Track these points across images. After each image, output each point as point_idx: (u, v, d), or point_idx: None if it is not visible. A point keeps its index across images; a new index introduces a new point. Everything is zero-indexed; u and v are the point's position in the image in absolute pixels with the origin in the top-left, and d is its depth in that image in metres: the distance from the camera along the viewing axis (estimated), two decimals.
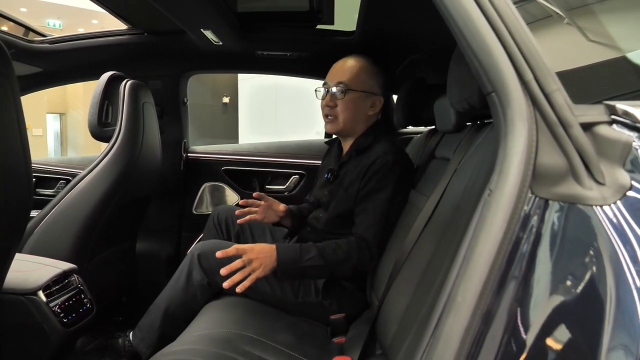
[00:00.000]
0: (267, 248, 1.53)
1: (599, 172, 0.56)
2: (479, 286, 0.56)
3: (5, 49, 1.12)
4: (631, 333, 0.50)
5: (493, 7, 0.60)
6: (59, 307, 1.55)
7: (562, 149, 0.57)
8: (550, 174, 0.57)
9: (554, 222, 0.56)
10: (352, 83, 1.75)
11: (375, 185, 1.64)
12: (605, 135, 0.57)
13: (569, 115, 0.57)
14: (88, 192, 1.86)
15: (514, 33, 0.59)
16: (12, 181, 1.17)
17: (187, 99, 2.61)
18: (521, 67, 0.59)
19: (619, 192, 0.55)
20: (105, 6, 1.93)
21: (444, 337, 0.57)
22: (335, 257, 1.57)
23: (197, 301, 1.70)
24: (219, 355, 1.24)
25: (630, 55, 0.66)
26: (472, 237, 0.59)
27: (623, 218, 0.54)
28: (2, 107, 1.10)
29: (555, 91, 0.58)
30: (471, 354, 0.56)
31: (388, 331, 1.31)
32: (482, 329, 0.56)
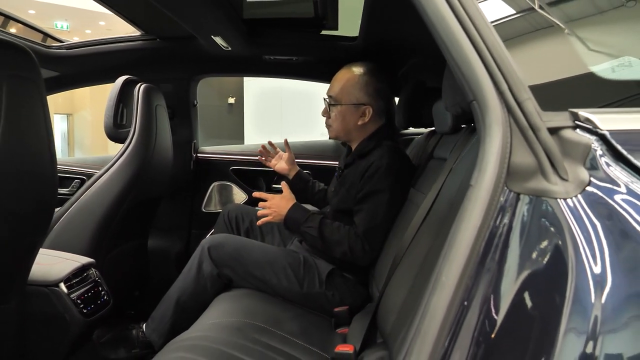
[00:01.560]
0: (284, 204, 1.81)
1: (563, 169, 0.65)
2: (460, 267, 0.65)
3: (34, 58, 1.21)
4: (584, 315, 0.59)
5: (474, 27, 0.69)
6: (78, 298, 1.63)
7: (532, 149, 0.66)
8: (521, 171, 0.66)
9: (524, 212, 0.65)
10: (339, 97, 1.88)
11: (371, 187, 1.75)
12: (569, 138, 0.66)
13: (538, 120, 0.66)
14: (104, 191, 1.95)
15: (492, 50, 0.68)
16: (40, 181, 1.26)
17: (197, 102, 2.71)
18: (497, 79, 0.68)
19: (579, 187, 0.64)
20: (120, 14, 2.03)
21: (430, 311, 0.66)
22: (330, 236, 1.75)
23: (207, 292, 1.79)
24: (230, 342, 1.33)
25: (595, 69, 0.76)
26: (455, 225, 0.68)
27: (582, 209, 0.63)
28: (31, 112, 1.19)
29: (527, 100, 0.67)
30: (454, 326, 0.65)
31: (388, 320, 1.40)
32: (463, 304, 0.65)
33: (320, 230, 1.75)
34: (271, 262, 1.79)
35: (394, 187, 1.74)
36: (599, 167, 0.64)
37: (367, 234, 1.71)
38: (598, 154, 0.65)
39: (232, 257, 1.80)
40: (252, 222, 2.17)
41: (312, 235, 1.76)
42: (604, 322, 0.58)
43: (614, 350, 0.59)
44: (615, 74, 0.75)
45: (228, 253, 1.80)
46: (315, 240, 1.77)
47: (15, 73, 1.12)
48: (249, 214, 2.20)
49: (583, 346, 0.58)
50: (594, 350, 0.58)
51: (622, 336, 0.58)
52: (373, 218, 1.72)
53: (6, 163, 1.10)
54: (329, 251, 1.77)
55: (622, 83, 0.78)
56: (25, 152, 1.18)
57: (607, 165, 0.64)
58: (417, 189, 1.70)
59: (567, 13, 0.85)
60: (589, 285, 0.59)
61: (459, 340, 0.64)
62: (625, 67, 0.75)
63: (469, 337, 0.64)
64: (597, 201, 0.62)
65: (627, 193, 0.62)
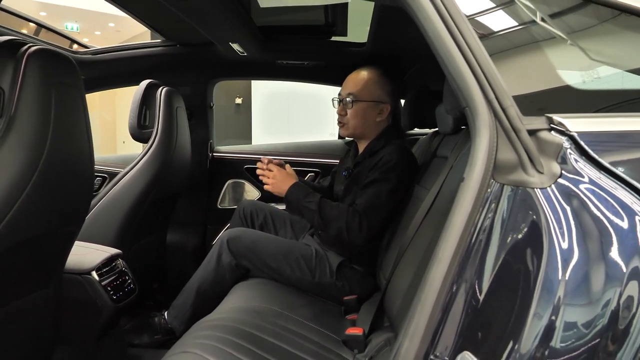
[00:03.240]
0: (287, 178, 1.93)
1: (539, 164, 0.78)
2: (454, 245, 0.78)
3: (76, 66, 1.35)
4: (553, 286, 0.72)
5: (467, 45, 0.82)
6: (108, 285, 1.75)
7: (514, 148, 0.79)
8: (505, 165, 0.79)
9: (507, 200, 0.78)
10: (360, 94, 1.98)
11: (378, 176, 1.84)
12: (545, 138, 0.79)
13: (519, 124, 0.79)
14: (130, 187, 2.09)
15: (481, 65, 0.81)
16: (81, 176, 1.39)
17: (214, 103, 2.85)
18: (486, 89, 0.81)
19: (552, 178, 0.77)
20: (145, 22, 2.17)
21: (429, 282, 0.79)
22: (329, 212, 1.82)
23: (226, 281, 1.92)
24: (251, 323, 1.46)
25: (571, 83, 0.89)
26: (451, 211, 0.81)
27: (555, 197, 0.76)
28: (75, 116, 1.32)
29: (510, 107, 0.80)
30: (450, 294, 0.78)
31: (394, 305, 1.53)
32: (456, 276, 0.78)
33: (320, 205, 1.82)
34: (285, 254, 1.92)
35: (399, 180, 1.84)
36: (568, 162, 0.78)
37: (366, 212, 1.79)
38: (568, 152, 0.78)
39: (249, 249, 1.93)
40: (265, 217, 2.31)
41: (311, 210, 1.83)
42: (566, 295, 0.71)
43: (572, 318, 0.72)
44: (585, 85, 0.89)
45: (245, 245, 1.94)
46: (313, 215, 1.83)
47: (62, 81, 1.25)
48: (263, 209, 2.33)
49: (550, 314, 0.72)
50: (556, 318, 0.71)
51: (579, 306, 0.72)
52: (374, 199, 1.80)
53: (55, 165, 1.22)
54: (326, 228, 1.83)
55: (592, 92, 0.92)
56: (70, 154, 1.30)
57: (575, 160, 0.78)
58: (421, 185, 1.82)
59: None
60: (557, 260, 0.72)
61: (454, 306, 0.78)
62: (595, 79, 0.89)
63: (462, 304, 0.77)
64: (567, 190, 0.76)
65: (590, 183, 0.76)
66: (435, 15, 0.85)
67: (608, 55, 1.01)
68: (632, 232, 0.73)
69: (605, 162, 0.77)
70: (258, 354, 1.27)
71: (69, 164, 1.31)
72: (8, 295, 1.32)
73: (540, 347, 0.71)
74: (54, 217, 1.34)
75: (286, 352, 1.35)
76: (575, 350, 0.71)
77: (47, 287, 1.48)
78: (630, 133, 0.84)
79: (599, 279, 0.72)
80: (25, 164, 1.13)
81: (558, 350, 0.71)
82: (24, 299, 1.39)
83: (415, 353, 0.78)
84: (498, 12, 1.04)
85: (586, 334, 0.71)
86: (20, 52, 1.14)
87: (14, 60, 1.13)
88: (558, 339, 0.72)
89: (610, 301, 0.72)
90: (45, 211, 1.26)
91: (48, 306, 1.51)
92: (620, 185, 0.75)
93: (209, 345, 1.24)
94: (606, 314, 0.72)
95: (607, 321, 0.72)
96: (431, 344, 0.78)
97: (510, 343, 0.73)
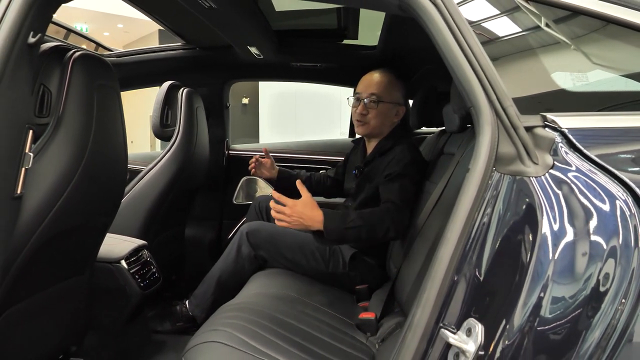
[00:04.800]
0: (311, 213, 1.67)
1: (535, 156, 0.89)
2: (460, 228, 0.90)
3: (113, 68, 1.47)
4: (545, 262, 0.83)
5: (472, 53, 0.94)
6: (135, 274, 1.87)
7: (513, 142, 0.90)
8: (505, 158, 0.91)
9: (507, 187, 0.90)
10: (384, 95, 2.05)
11: (400, 171, 1.89)
12: (539, 134, 0.91)
13: (517, 121, 0.91)
14: (154, 183, 2.21)
15: (484, 69, 0.93)
16: (117, 169, 1.51)
17: (230, 104, 2.97)
18: (488, 91, 0.92)
19: (546, 168, 0.88)
20: (167, 26, 2.30)
21: (438, 259, 0.91)
22: (372, 217, 1.76)
23: (245, 271, 2.03)
24: (272, 306, 1.58)
25: (565, 87, 1.01)
26: (458, 198, 0.93)
27: (548, 184, 0.87)
28: (112, 113, 1.44)
29: (509, 106, 0.92)
30: (456, 270, 0.90)
31: (404, 291, 1.64)
32: (461, 254, 0.90)
33: (363, 217, 1.74)
34: (301, 246, 2.03)
35: (417, 177, 1.94)
36: (560, 154, 0.89)
37: (399, 200, 1.81)
38: (559, 145, 0.90)
39: (267, 241, 2.04)
40: None
41: (357, 227, 1.71)
42: (554, 272, 0.83)
43: (559, 293, 0.84)
44: (575, 88, 1.01)
45: (264, 237, 2.05)
46: (359, 231, 1.72)
47: (102, 82, 1.36)
48: None
49: (541, 289, 0.84)
50: (545, 293, 0.83)
51: (565, 282, 0.84)
52: (404, 192, 1.84)
53: (96, 159, 1.33)
54: (373, 234, 1.75)
55: (582, 94, 1.04)
56: (108, 149, 1.42)
57: (565, 153, 0.89)
58: (429, 180, 1.94)
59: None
60: (548, 239, 0.84)
61: (460, 280, 0.90)
62: (584, 82, 1.00)
63: (467, 277, 0.89)
64: (558, 178, 0.87)
65: (578, 172, 0.87)
66: (444, 26, 0.96)
67: (600, 61, 1.14)
68: (613, 215, 0.85)
69: (592, 154, 0.89)
70: (280, 333, 1.39)
71: (107, 158, 1.43)
72: (49, 279, 1.44)
73: (531, 317, 0.84)
74: (94, 208, 1.46)
75: (306, 332, 1.47)
76: (560, 319, 0.84)
77: (83, 273, 1.60)
78: (615, 129, 0.96)
79: (583, 257, 0.84)
80: (72, 158, 1.25)
81: (547, 319, 0.84)
82: (62, 284, 1.51)
83: (427, 320, 0.90)
84: (499, 20, 1.16)
85: (570, 306, 0.84)
86: (66, 57, 1.26)
87: (61, 65, 1.24)
88: (547, 310, 0.84)
89: (591, 276, 0.84)
90: (87, 202, 1.38)
91: (83, 292, 1.62)
92: (604, 174, 0.87)
93: (236, 324, 1.36)
94: (587, 288, 0.84)
95: (588, 294, 0.84)
96: (440, 312, 0.90)
97: (507, 312, 0.84)
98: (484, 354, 0.83)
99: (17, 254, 1.19)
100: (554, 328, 0.83)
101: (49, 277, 1.43)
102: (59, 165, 1.23)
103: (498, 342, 0.83)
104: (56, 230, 1.28)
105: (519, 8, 1.12)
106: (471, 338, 0.84)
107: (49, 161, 1.20)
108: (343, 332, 1.60)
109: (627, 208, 0.85)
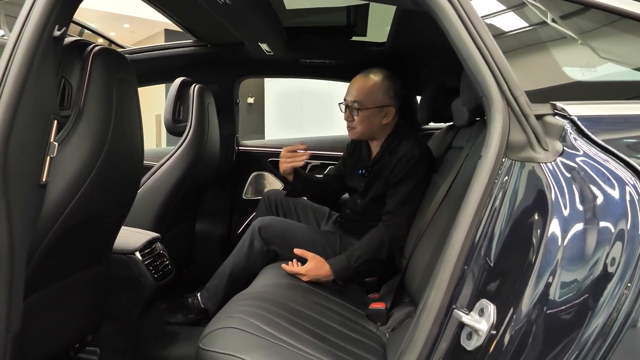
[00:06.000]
0: (320, 265, 1.90)
1: (545, 143, 0.92)
2: (472, 213, 0.93)
3: (130, 63, 1.51)
4: (554, 247, 0.87)
5: (484, 44, 0.97)
6: (150, 265, 1.91)
7: (523, 130, 0.94)
8: (516, 145, 0.94)
9: (517, 174, 0.93)
10: (364, 102, 2.05)
11: (406, 173, 1.97)
12: (549, 122, 0.94)
13: (528, 110, 0.94)
14: (166, 176, 2.24)
15: (496, 60, 0.96)
16: (134, 161, 1.54)
17: (239, 100, 3.01)
18: (500, 81, 0.95)
19: (556, 154, 0.91)
20: (179, 23, 2.34)
21: (451, 243, 0.95)
22: (371, 246, 1.92)
23: (257, 265, 2.05)
24: (285, 295, 1.61)
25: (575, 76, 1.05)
26: (470, 185, 0.96)
27: (558, 169, 0.90)
28: (130, 106, 1.47)
29: (520, 95, 0.95)
30: (469, 253, 0.93)
31: (414, 281, 1.67)
32: (474, 237, 0.93)
33: (364, 251, 1.91)
34: (312, 240, 2.07)
35: (425, 174, 1.99)
36: (569, 141, 0.92)
37: (400, 210, 1.93)
38: (569, 132, 0.93)
39: (279, 236, 2.08)
40: (289, 205, 2.44)
41: (365, 262, 1.89)
42: (563, 257, 0.86)
43: (567, 278, 0.87)
44: (583, 77, 1.04)
45: (275, 232, 2.08)
46: (369, 264, 1.91)
47: (121, 77, 1.40)
48: (287, 198, 2.46)
49: (550, 272, 0.87)
50: (554, 275, 0.86)
51: (574, 265, 0.87)
52: (407, 197, 1.94)
53: (115, 151, 1.36)
54: (380, 257, 1.92)
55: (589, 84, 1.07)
56: (127, 142, 1.45)
57: (574, 139, 0.92)
58: (438, 173, 1.97)
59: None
60: (558, 225, 0.87)
61: (472, 262, 0.93)
62: (591, 72, 1.04)
63: (479, 260, 0.93)
64: (568, 164, 0.90)
65: (587, 157, 0.90)
66: (457, 19, 0.99)
67: (611, 55, 1.17)
68: (622, 199, 0.88)
69: (601, 140, 0.92)
70: (293, 320, 1.42)
71: (126, 150, 1.46)
72: (68, 269, 1.47)
73: (542, 298, 0.87)
74: (112, 198, 1.50)
75: (318, 320, 1.50)
76: (567, 303, 0.87)
77: (100, 263, 1.64)
78: (623, 116, 0.99)
79: (591, 241, 0.87)
80: (92, 150, 1.28)
81: (555, 302, 0.87)
82: (81, 273, 1.54)
83: (441, 302, 0.93)
84: (509, 15, 1.19)
85: (578, 289, 0.87)
86: (87, 51, 1.29)
87: (81, 59, 1.28)
88: (556, 292, 0.87)
89: (598, 261, 0.87)
90: (106, 192, 1.41)
91: (100, 281, 1.66)
92: (613, 160, 0.90)
93: (250, 311, 1.39)
94: (595, 272, 0.87)
95: (596, 278, 0.87)
96: (453, 294, 0.93)
97: (518, 294, 0.88)
98: (496, 333, 0.86)
99: (39, 243, 1.22)
100: (563, 310, 0.86)
101: (68, 266, 1.47)
102: (80, 156, 1.26)
103: (510, 322, 0.87)
104: (77, 219, 1.32)
105: (525, 4, 1.15)
106: (484, 318, 0.87)
107: (71, 152, 1.24)
108: (354, 322, 1.64)
109: (635, 192, 0.88)
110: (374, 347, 1.48)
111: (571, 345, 0.85)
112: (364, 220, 2.11)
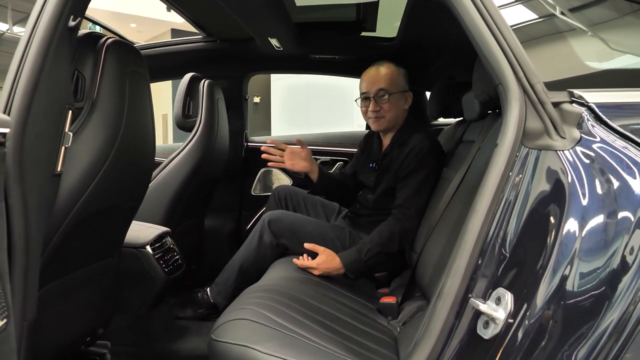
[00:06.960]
0: (332, 258, 1.90)
1: (562, 130, 0.92)
2: (489, 200, 0.93)
3: (143, 56, 1.51)
4: (573, 234, 0.86)
5: (499, 31, 0.97)
6: (160, 259, 1.91)
7: (540, 117, 0.93)
8: (533, 132, 0.94)
9: (534, 161, 0.92)
10: (392, 87, 2.08)
11: (416, 165, 1.98)
12: (567, 109, 0.93)
13: (544, 97, 0.93)
14: (177, 171, 2.25)
15: (512, 47, 0.95)
16: (146, 153, 1.55)
17: (248, 96, 3.01)
18: (516, 68, 0.95)
19: (573, 142, 0.91)
20: (189, 19, 2.34)
21: (467, 230, 0.94)
22: (382, 239, 1.92)
23: (266, 259, 2.05)
24: (296, 288, 1.61)
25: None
26: (486, 173, 0.96)
27: (576, 157, 0.89)
28: (143, 99, 1.48)
29: (537, 83, 0.94)
30: (485, 240, 0.93)
31: (425, 275, 1.67)
32: (490, 225, 0.93)
33: (375, 243, 1.91)
34: (322, 234, 2.07)
35: (435, 166, 1.99)
36: (587, 128, 0.92)
37: (410, 203, 1.94)
38: (586, 119, 0.92)
39: (289, 230, 2.07)
40: (299, 200, 2.44)
41: (376, 254, 1.90)
42: (581, 248, 0.86)
43: (585, 269, 0.86)
44: (601, 65, 1.03)
45: (285, 226, 2.08)
46: (379, 256, 1.91)
47: (134, 69, 1.40)
48: (297, 193, 2.46)
49: (568, 262, 0.86)
50: (571, 267, 0.86)
51: (592, 256, 0.86)
52: (416, 190, 1.96)
53: (128, 143, 1.36)
54: (390, 250, 1.92)
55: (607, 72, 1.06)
56: (139, 134, 1.45)
57: (592, 126, 0.92)
58: (449, 167, 1.96)
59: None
60: (577, 214, 0.86)
61: (489, 250, 0.92)
62: (610, 60, 1.03)
63: (496, 248, 0.92)
64: (585, 151, 0.90)
65: (605, 144, 0.90)
66: (472, 6, 0.99)
67: (627, 45, 1.16)
68: None
69: (619, 126, 0.91)
70: (305, 312, 1.42)
71: (138, 142, 1.47)
72: (81, 261, 1.48)
73: (557, 292, 0.86)
74: (125, 190, 1.50)
75: (329, 313, 1.50)
76: (584, 294, 0.86)
77: (112, 256, 1.64)
78: None
79: (610, 230, 0.86)
80: (105, 141, 1.29)
81: (572, 292, 0.86)
82: (92, 266, 1.55)
83: (457, 290, 0.92)
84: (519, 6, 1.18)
85: (596, 278, 0.86)
86: (100, 43, 1.30)
87: (94, 51, 1.28)
88: (575, 282, 0.86)
89: (617, 250, 0.86)
90: (119, 184, 1.42)
91: (112, 274, 1.67)
92: (632, 146, 0.89)
93: (262, 303, 1.39)
94: (613, 264, 0.86)
95: (614, 267, 0.86)
96: (470, 282, 0.92)
97: (536, 283, 0.87)
98: (513, 321, 0.86)
99: (53, 233, 1.23)
100: (580, 300, 0.86)
101: (81, 258, 1.47)
102: (93, 147, 1.27)
103: (526, 312, 0.86)
104: (90, 210, 1.32)
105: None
106: (501, 306, 0.87)
107: (85, 142, 1.25)
108: (365, 315, 1.63)
109: None
110: (386, 340, 1.48)
111: (587, 336, 0.85)
112: (374, 215, 2.12)
